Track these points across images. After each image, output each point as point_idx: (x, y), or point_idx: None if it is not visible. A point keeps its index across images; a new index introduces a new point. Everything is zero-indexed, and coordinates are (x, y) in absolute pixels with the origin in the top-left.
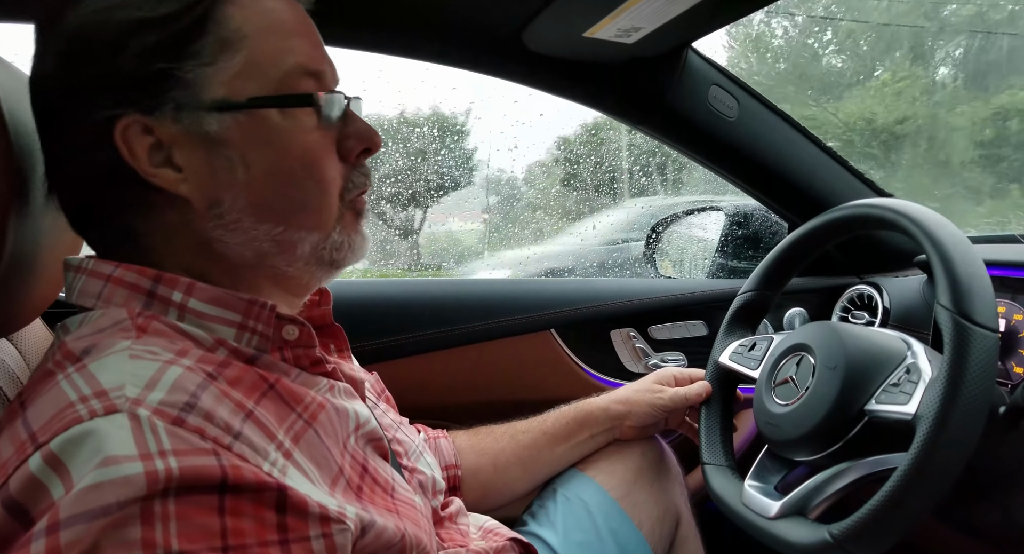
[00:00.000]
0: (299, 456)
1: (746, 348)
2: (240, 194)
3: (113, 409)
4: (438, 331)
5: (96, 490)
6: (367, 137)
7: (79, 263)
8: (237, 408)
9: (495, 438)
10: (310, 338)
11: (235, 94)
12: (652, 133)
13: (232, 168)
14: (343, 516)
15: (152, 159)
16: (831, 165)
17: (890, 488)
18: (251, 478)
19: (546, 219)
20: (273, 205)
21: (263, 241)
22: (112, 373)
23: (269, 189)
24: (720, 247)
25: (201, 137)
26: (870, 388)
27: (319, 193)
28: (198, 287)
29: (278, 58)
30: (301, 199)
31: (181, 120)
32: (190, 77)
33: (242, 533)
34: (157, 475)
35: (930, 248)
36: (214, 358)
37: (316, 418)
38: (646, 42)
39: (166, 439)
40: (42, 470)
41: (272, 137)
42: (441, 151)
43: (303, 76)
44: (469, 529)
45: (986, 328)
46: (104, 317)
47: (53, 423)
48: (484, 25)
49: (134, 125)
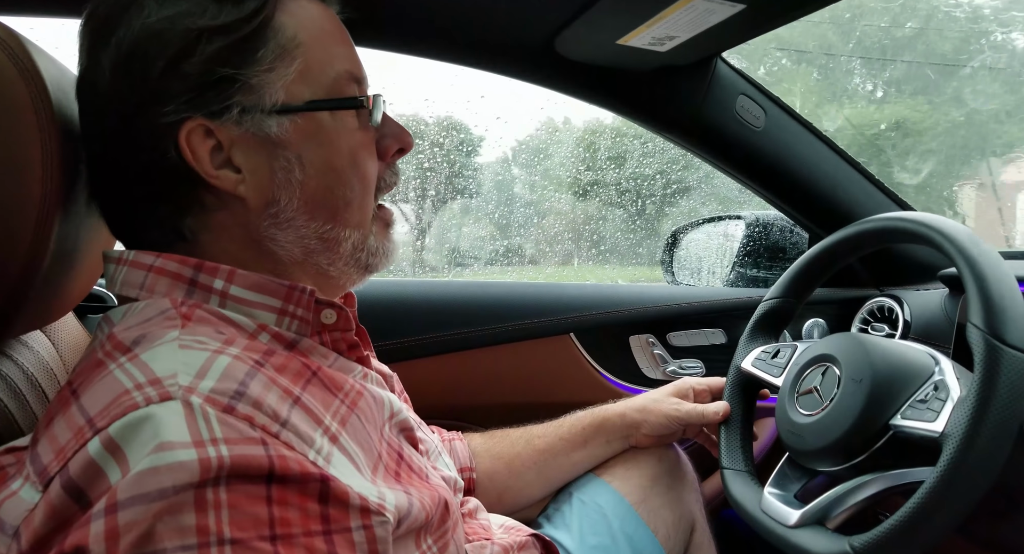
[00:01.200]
0: (346, 439)
1: (769, 355)
2: (296, 192)
3: (167, 396)
4: (458, 332)
5: (153, 474)
6: (402, 137)
7: (120, 255)
8: (285, 394)
9: (511, 442)
10: (347, 321)
11: (293, 98)
12: (679, 141)
13: (290, 168)
14: (383, 508)
15: (214, 161)
16: (856, 177)
17: (915, 504)
18: (296, 469)
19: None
20: (324, 202)
21: (312, 238)
22: (165, 362)
23: (322, 187)
24: (739, 256)
25: (261, 139)
26: (896, 403)
27: (362, 190)
28: (239, 274)
29: (328, 65)
30: (347, 196)
31: (243, 123)
32: (254, 82)
33: (289, 523)
34: (210, 462)
35: (963, 265)
36: (259, 346)
37: (356, 404)
38: (678, 51)
39: (217, 427)
40: (100, 454)
41: (325, 138)
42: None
43: (350, 81)
44: (490, 525)
45: (1018, 349)
46: (149, 307)
47: (111, 409)
48: (517, 31)
49: (198, 129)
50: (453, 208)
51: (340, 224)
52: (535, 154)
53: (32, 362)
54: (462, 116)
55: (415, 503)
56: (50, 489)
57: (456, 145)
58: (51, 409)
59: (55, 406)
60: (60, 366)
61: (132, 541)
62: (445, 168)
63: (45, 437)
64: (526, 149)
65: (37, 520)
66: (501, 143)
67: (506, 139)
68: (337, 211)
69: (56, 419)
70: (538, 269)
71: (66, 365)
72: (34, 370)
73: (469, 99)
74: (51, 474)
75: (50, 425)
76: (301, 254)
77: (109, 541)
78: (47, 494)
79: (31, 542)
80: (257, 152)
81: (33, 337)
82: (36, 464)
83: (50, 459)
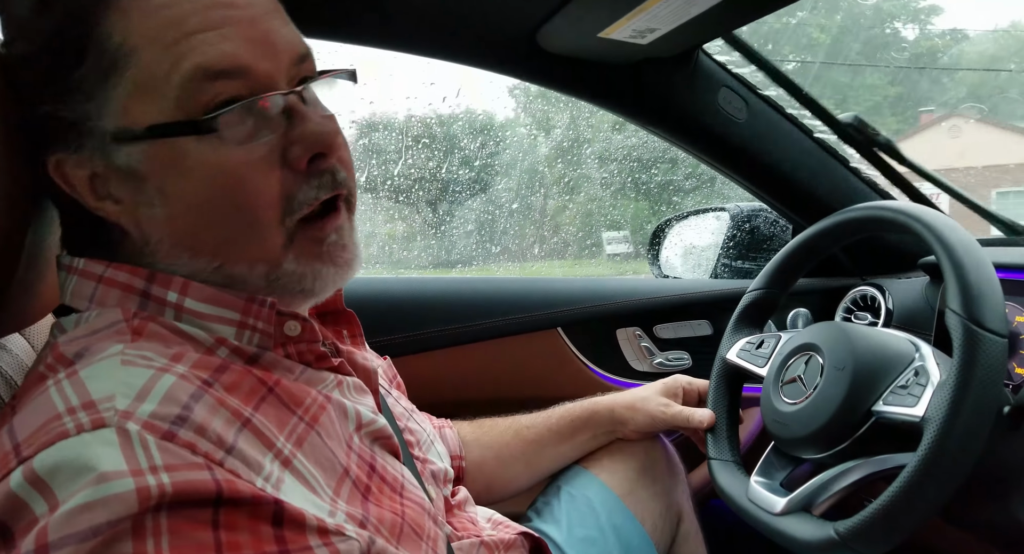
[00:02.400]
0: (301, 460)
1: (753, 346)
2: (164, 229)
3: (101, 423)
4: (445, 328)
5: (87, 510)
6: (315, 141)
7: (70, 262)
8: (233, 417)
9: (499, 432)
10: (313, 333)
11: (134, 122)
12: (661, 134)
13: (151, 202)
14: (341, 528)
15: (96, 191)
16: (837, 168)
17: (897, 488)
18: (246, 491)
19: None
20: (201, 240)
21: (209, 274)
22: (103, 381)
23: (191, 225)
24: (724, 248)
25: (122, 170)
26: (878, 389)
27: (245, 222)
28: (193, 286)
29: (171, 67)
30: (226, 232)
31: (93, 157)
32: (75, 116)
33: (238, 546)
34: (149, 491)
35: (941, 252)
36: (212, 362)
37: (317, 420)
38: (660, 43)
39: (157, 454)
40: (23, 488)
41: (186, 165)
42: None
43: (209, 80)
44: (478, 518)
45: (995, 333)
46: (100, 318)
47: (39, 435)
48: (498, 24)
49: (65, 161)
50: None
51: (231, 261)
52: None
53: (11, 365)
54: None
55: (377, 542)
56: None
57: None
58: None
59: None
60: None
61: None
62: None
63: None
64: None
65: None
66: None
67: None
68: (220, 248)
69: None
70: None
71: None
72: (12, 373)
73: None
74: None
75: None
76: (223, 282)
77: None
78: None
79: None
80: (125, 183)
81: (11, 340)
82: None
83: None
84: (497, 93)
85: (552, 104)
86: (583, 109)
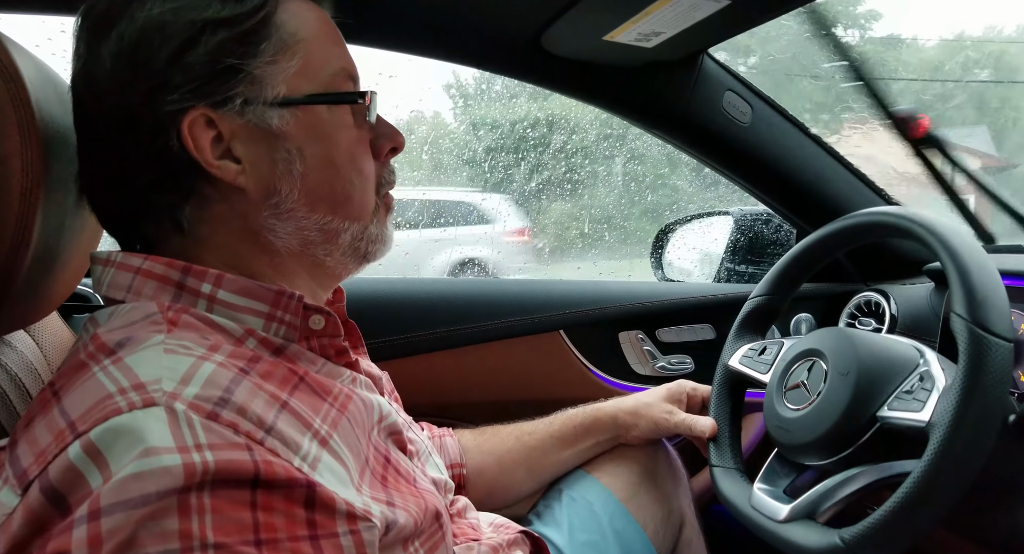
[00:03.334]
0: (337, 441)
1: (756, 352)
2: (296, 184)
3: (151, 402)
4: (448, 330)
5: (137, 480)
6: (395, 137)
7: (107, 256)
8: (272, 399)
9: (501, 439)
10: (336, 327)
11: (294, 91)
12: (666, 137)
13: (291, 160)
14: (368, 514)
15: (214, 151)
16: (842, 173)
17: (903, 495)
18: (282, 474)
19: None
20: (324, 195)
21: (311, 230)
22: (149, 366)
23: (322, 180)
24: (728, 252)
25: (263, 131)
26: (882, 395)
27: (362, 186)
28: (227, 278)
29: (326, 62)
30: (347, 191)
31: (246, 114)
32: (257, 73)
33: (274, 528)
34: (194, 468)
35: (946, 257)
36: (245, 352)
37: (346, 408)
38: (665, 47)
39: (202, 433)
40: (81, 459)
41: (324, 132)
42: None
43: (346, 79)
44: (479, 523)
45: (1001, 338)
46: (135, 310)
47: (92, 413)
48: (504, 27)
49: (200, 119)
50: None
51: (340, 217)
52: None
53: (16, 362)
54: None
55: (400, 513)
56: (29, 493)
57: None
58: (31, 410)
59: (36, 407)
60: (44, 366)
61: (114, 547)
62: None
63: (25, 439)
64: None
65: (15, 524)
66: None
67: None
68: (337, 204)
69: (36, 421)
70: None
71: (50, 365)
72: (18, 370)
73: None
74: (30, 478)
75: (30, 426)
76: (299, 245)
77: (92, 547)
78: (26, 498)
79: (8, 546)
80: (257, 143)
81: (16, 337)
82: (15, 467)
83: (30, 462)
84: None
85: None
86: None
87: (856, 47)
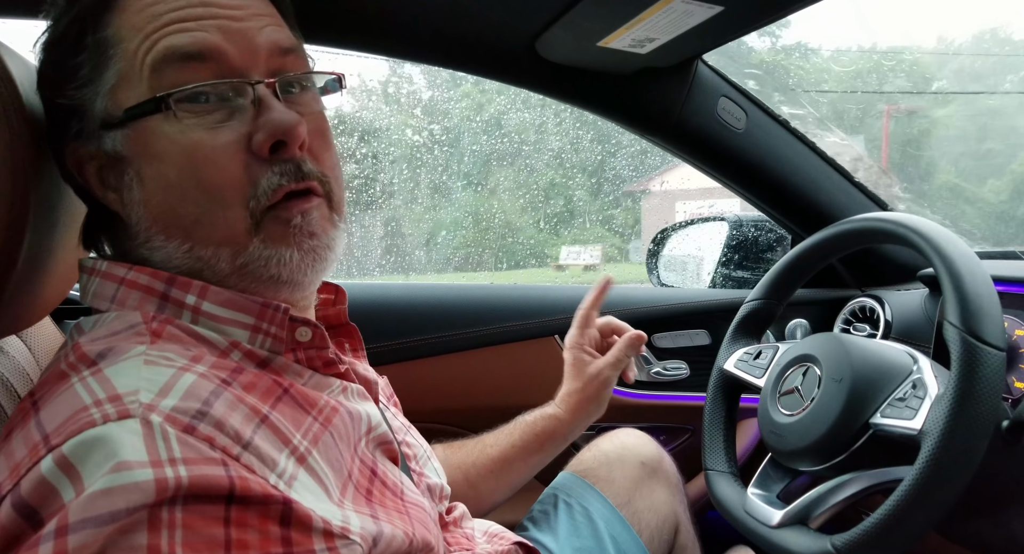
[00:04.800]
0: (316, 458)
1: (751, 356)
2: (142, 213)
3: (127, 414)
4: (444, 335)
5: (106, 495)
6: (275, 128)
7: (93, 265)
8: (252, 413)
9: (466, 452)
10: (323, 340)
11: (116, 107)
12: (660, 143)
13: (131, 187)
14: (347, 531)
15: (104, 181)
16: (836, 179)
17: (895, 502)
18: (258, 490)
19: None
20: (171, 222)
21: (183, 259)
22: (127, 377)
23: (163, 206)
24: (722, 257)
25: (111, 157)
26: (876, 402)
27: (210, 204)
28: (211, 290)
29: (145, 52)
30: (192, 212)
31: (88, 145)
32: (74, 103)
33: (246, 545)
34: (167, 483)
35: (939, 264)
36: (228, 364)
37: (331, 422)
38: (659, 53)
39: (177, 447)
40: (53, 473)
41: (158, 147)
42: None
43: (179, 62)
44: (474, 533)
45: (994, 347)
46: (118, 320)
47: (67, 426)
48: (498, 32)
49: (77, 152)
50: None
51: (200, 243)
52: None
53: (8, 368)
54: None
55: (384, 526)
56: (1, 507)
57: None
58: (11, 421)
59: (15, 418)
60: (37, 371)
61: None
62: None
63: (2, 452)
64: None
65: None
66: None
67: None
68: (188, 230)
69: (14, 433)
70: None
71: (43, 370)
72: (10, 376)
73: None
74: (3, 492)
75: (8, 438)
76: (192, 274)
77: None
78: None
79: None
80: (114, 170)
81: (8, 342)
82: None
83: (4, 476)
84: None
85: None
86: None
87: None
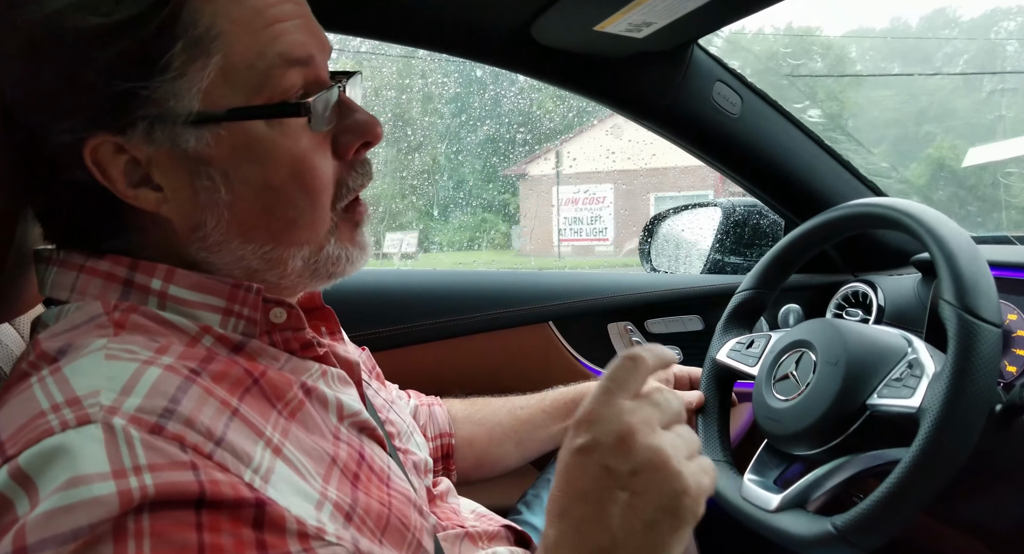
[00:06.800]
0: (290, 448)
1: (743, 346)
2: (224, 215)
3: (86, 419)
4: (436, 322)
5: (67, 512)
6: (365, 130)
7: (49, 254)
8: (223, 406)
9: (493, 410)
10: (299, 320)
11: (213, 105)
12: (656, 128)
13: (215, 187)
14: (322, 532)
15: (129, 179)
16: (831, 164)
17: (895, 479)
18: (229, 493)
19: None
20: (260, 225)
21: (251, 259)
22: (87, 377)
23: (256, 208)
24: (716, 243)
25: (179, 155)
26: (872, 383)
27: (309, 206)
28: (178, 273)
29: (257, 54)
30: (290, 215)
31: (154, 139)
32: (159, 95)
33: (220, 549)
34: (131, 494)
35: (933, 246)
36: (198, 353)
37: (295, 416)
38: (655, 37)
39: (141, 453)
40: (8, 486)
41: (257, 151)
42: None
43: (288, 67)
44: (460, 509)
45: (990, 323)
46: (79, 312)
47: (23, 433)
48: (493, 17)
49: (105, 145)
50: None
51: (284, 245)
52: None
53: (1, 356)
54: None
55: (374, 503)
56: None
57: None
58: None
59: None
60: None
61: None
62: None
63: None
64: None
65: None
66: None
67: None
68: (279, 232)
69: None
70: None
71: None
72: (3, 364)
73: None
74: None
75: None
76: (243, 273)
77: None
78: None
79: None
80: (176, 170)
81: (2, 330)
82: None
83: None
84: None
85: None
86: None
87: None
